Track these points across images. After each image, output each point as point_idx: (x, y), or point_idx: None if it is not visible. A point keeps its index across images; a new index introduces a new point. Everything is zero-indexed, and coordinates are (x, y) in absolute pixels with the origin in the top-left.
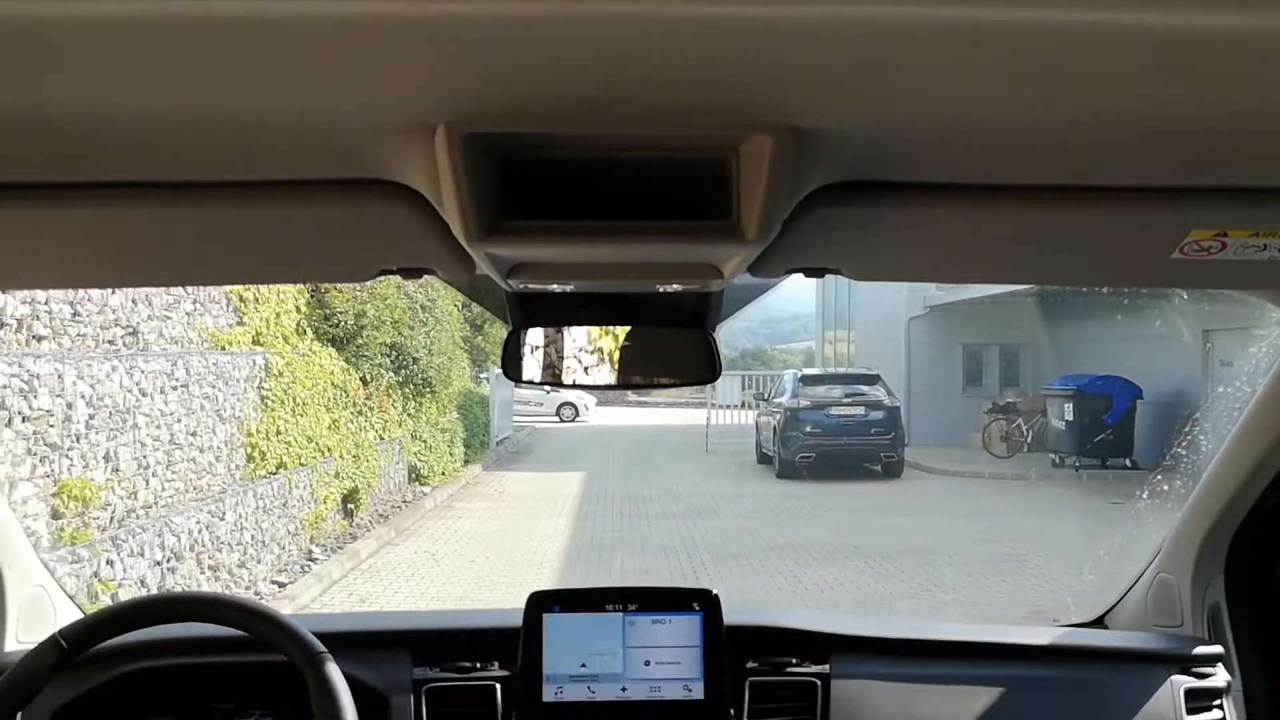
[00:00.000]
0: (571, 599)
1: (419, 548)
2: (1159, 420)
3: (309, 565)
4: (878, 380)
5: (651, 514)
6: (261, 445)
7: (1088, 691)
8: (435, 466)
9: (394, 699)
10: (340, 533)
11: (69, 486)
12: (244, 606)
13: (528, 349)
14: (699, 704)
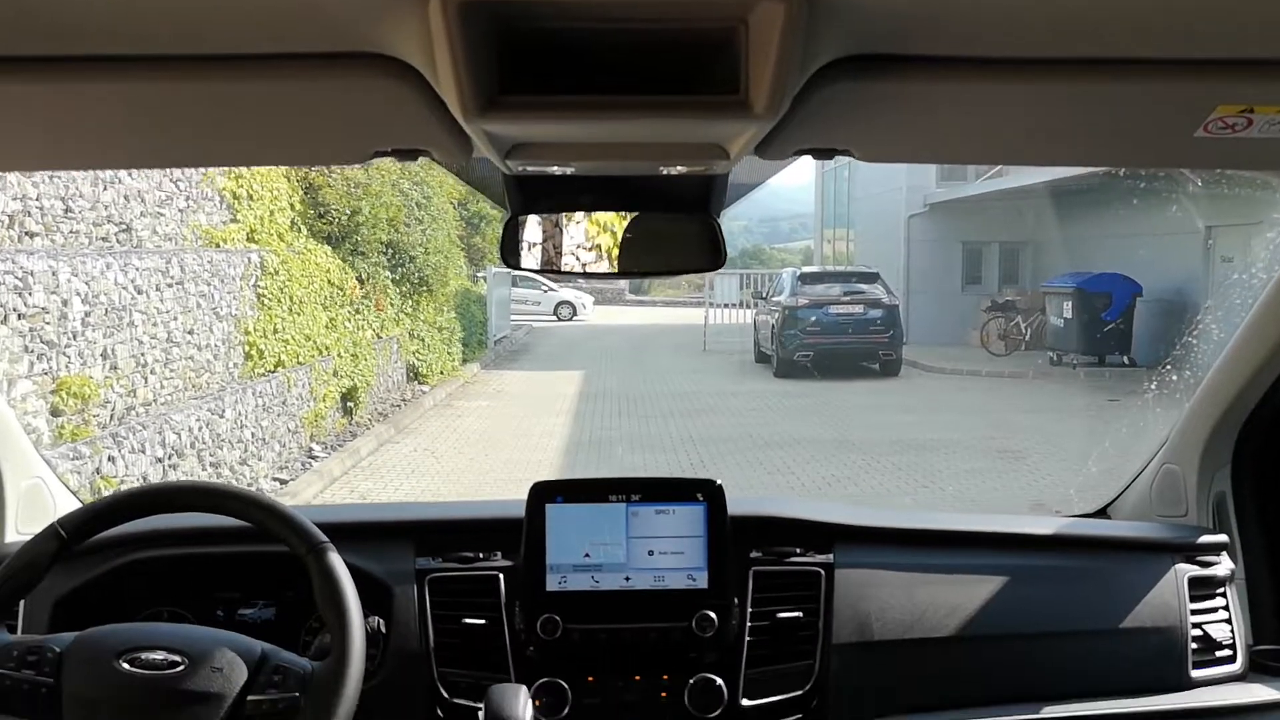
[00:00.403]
0: (574, 489)
1: (419, 445)
2: (1158, 318)
3: (309, 462)
4: (877, 278)
5: (650, 413)
6: (259, 343)
7: (1091, 580)
8: (434, 365)
9: (397, 589)
10: (340, 431)
11: (68, 384)
12: (244, 496)
13: (527, 236)
14: (702, 593)
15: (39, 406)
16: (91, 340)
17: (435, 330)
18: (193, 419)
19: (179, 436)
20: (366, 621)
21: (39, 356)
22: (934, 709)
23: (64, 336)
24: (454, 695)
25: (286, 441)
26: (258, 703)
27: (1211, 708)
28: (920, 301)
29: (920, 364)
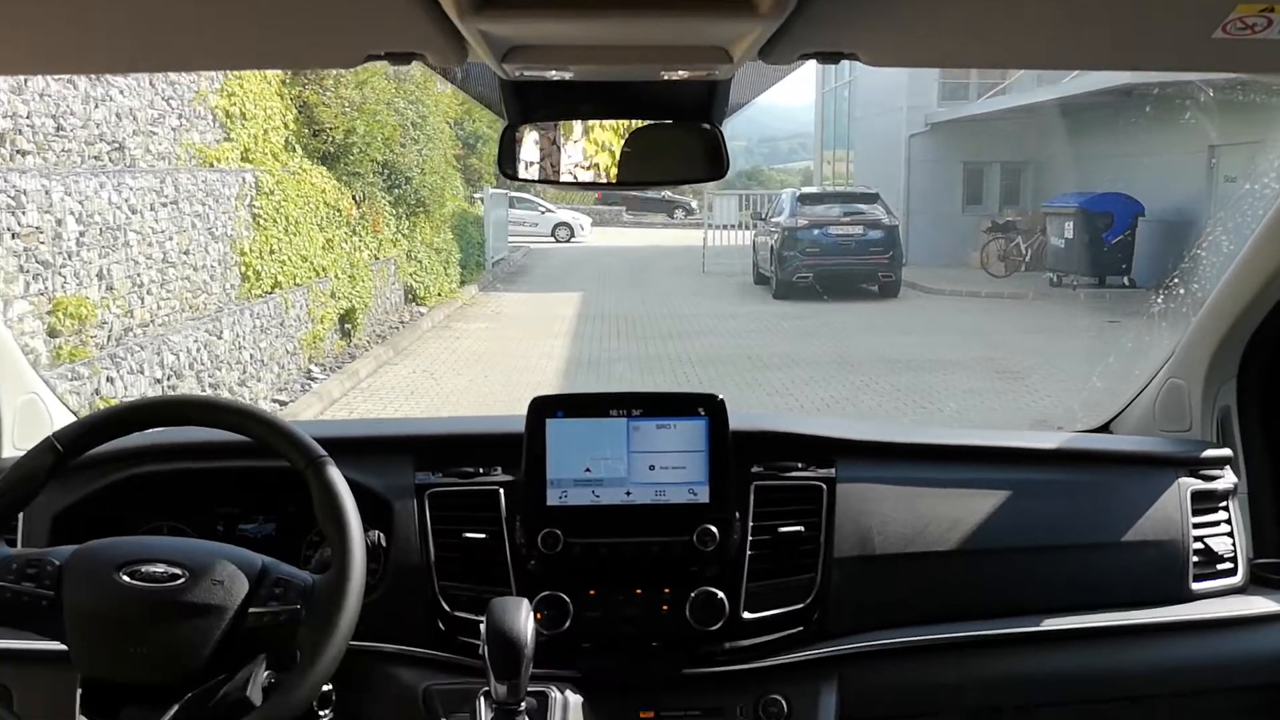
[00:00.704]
0: (574, 404)
1: (417, 367)
2: (1159, 238)
3: (308, 384)
4: (877, 199)
5: (649, 334)
6: (255, 264)
7: (1094, 494)
8: (431, 287)
9: (397, 504)
10: (338, 353)
11: (64, 304)
12: (242, 409)
13: (525, 145)
14: (704, 507)
15: (36, 327)
16: (87, 260)
17: (432, 252)
18: (190, 340)
19: (177, 358)
20: (367, 535)
21: (34, 277)
22: (934, 622)
23: (59, 256)
24: (455, 609)
25: (285, 363)
26: (259, 615)
27: (1211, 619)
28: (920, 222)
29: (920, 285)
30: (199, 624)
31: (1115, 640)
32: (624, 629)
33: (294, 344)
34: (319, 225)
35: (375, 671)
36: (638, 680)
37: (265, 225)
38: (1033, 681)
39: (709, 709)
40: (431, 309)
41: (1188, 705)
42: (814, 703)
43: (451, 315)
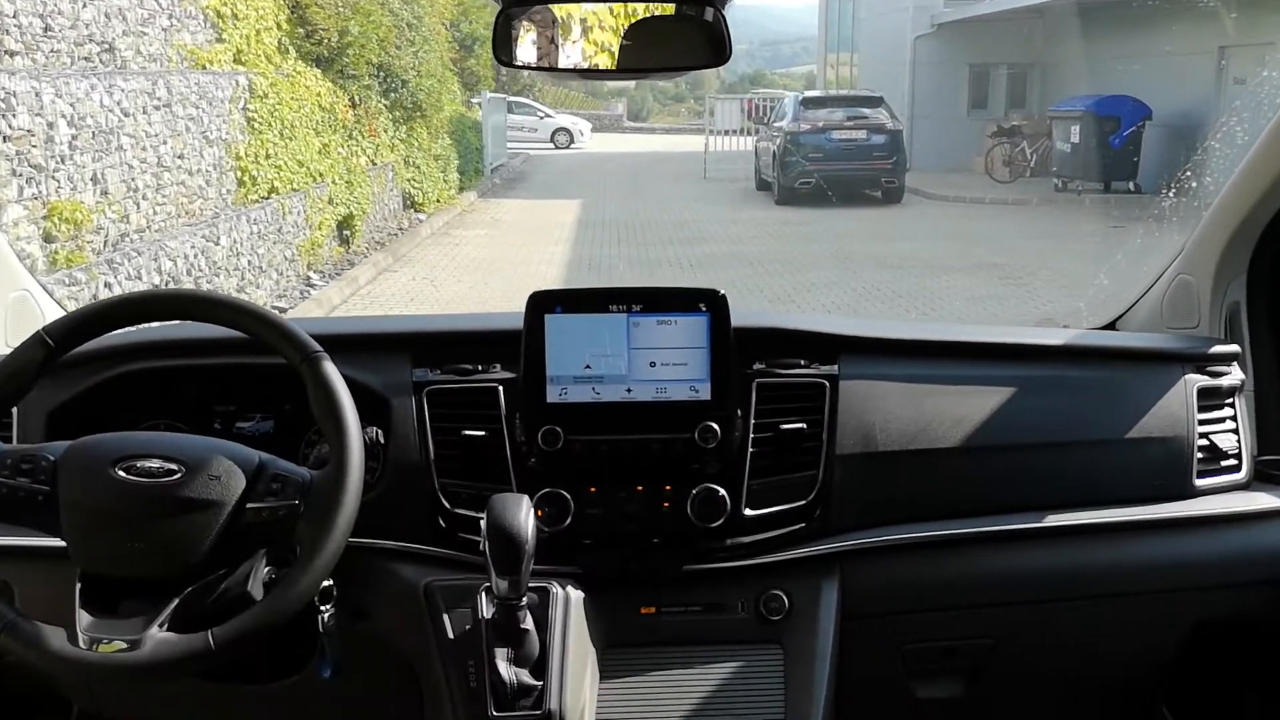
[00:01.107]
0: (574, 299)
1: (417, 274)
2: (1166, 141)
3: (308, 291)
4: (880, 103)
5: (649, 241)
6: (251, 169)
7: (1099, 390)
8: (430, 193)
9: (395, 401)
10: (337, 259)
11: (59, 209)
12: (235, 304)
13: (520, 29)
14: (705, 404)
15: (31, 232)
16: (80, 164)
17: (430, 157)
18: (187, 246)
19: (175, 263)
20: (365, 432)
21: (28, 180)
22: (937, 519)
23: (52, 160)
24: (456, 506)
25: (284, 270)
26: (257, 510)
27: (1215, 515)
28: (924, 127)
29: (923, 191)
30: (196, 519)
31: (1118, 536)
32: (625, 526)
33: (292, 250)
34: (314, 130)
35: (376, 568)
36: (639, 576)
37: (260, 129)
38: (1035, 577)
39: (710, 604)
40: (430, 216)
41: (1190, 600)
42: (815, 598)
43: (450, 222)
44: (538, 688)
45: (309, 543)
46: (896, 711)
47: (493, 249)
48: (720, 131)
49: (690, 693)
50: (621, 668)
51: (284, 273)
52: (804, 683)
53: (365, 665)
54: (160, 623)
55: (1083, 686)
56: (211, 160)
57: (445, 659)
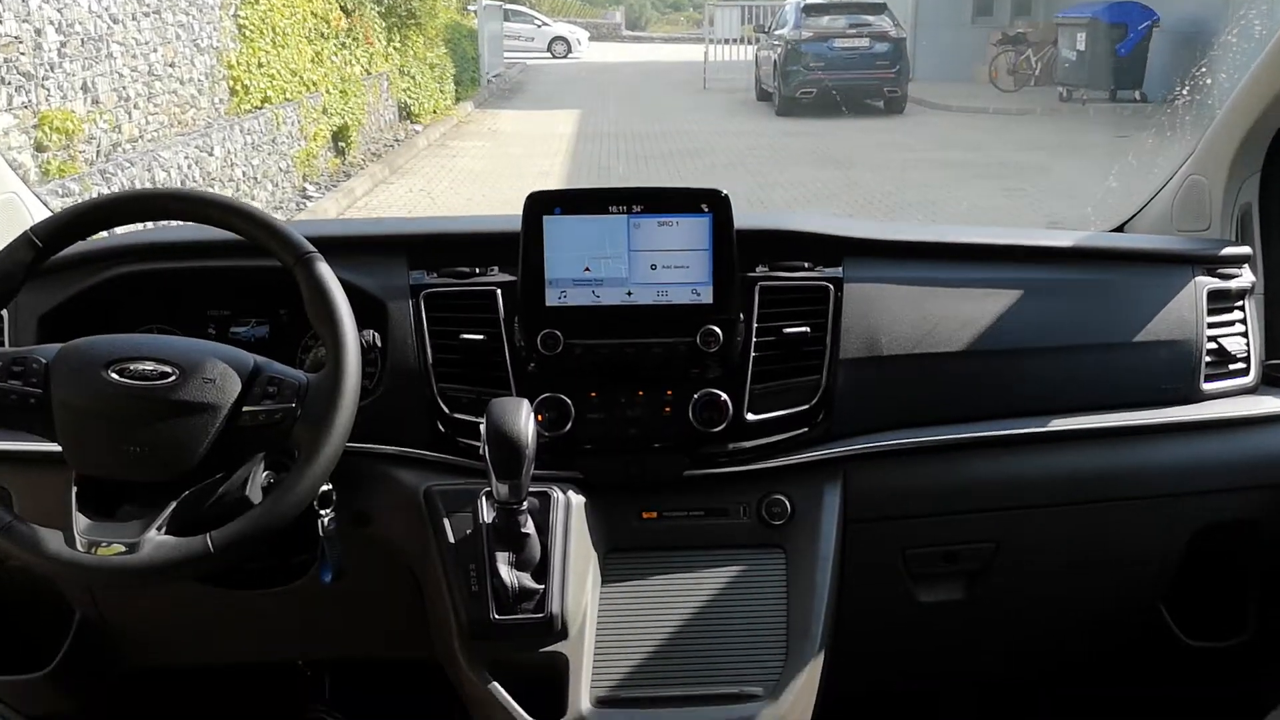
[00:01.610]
0: (573, 200)
1: (414, 186)
2: (1174, 49)
3: (304, 203)
4: (883, 9)
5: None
6: (244, 78)
7: (1108, 293)
8: (425, 104)
9: (391, 304)
10: (333, 171)
11: (49, 118)
12: (226, 203)
13: None
14: (707, 308)
15: (22, 142)
16: (70, 73)
17: (426, 67)
18: (181, 156)
19: (168, 174)
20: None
21: (17, 89)
22: (942, 423)
23: (41, 68)
24: (455, 410)
25: (279, 181)
26: (253, 413)
27: (1222, 419)
28: (927, 35)
29: (926, 101)
30: (191, 423)
31: (1124, 440)
32: (626, 431)
33: (287, 161)
34: (307, 38)
35: (376, 473)
36: (640, 481)
37: (252, 37)
38: (1039, 482)
39: (711, 509)
40: (426, 127)
41: (1195, 505)
42: (818, 503)
43: (447, 133)
44: (539, 591)
45: (306, 446)
46: (897, 615)
47: (490, 161)
48: (720, 40)
49: (692, 597)
50: (623, 572)
51: (279, 184)
52: (806, 587)
53: (367, 570)
54: (158, 526)
55: (1083, 590)
56: (203, 69)
57: (446, 563)
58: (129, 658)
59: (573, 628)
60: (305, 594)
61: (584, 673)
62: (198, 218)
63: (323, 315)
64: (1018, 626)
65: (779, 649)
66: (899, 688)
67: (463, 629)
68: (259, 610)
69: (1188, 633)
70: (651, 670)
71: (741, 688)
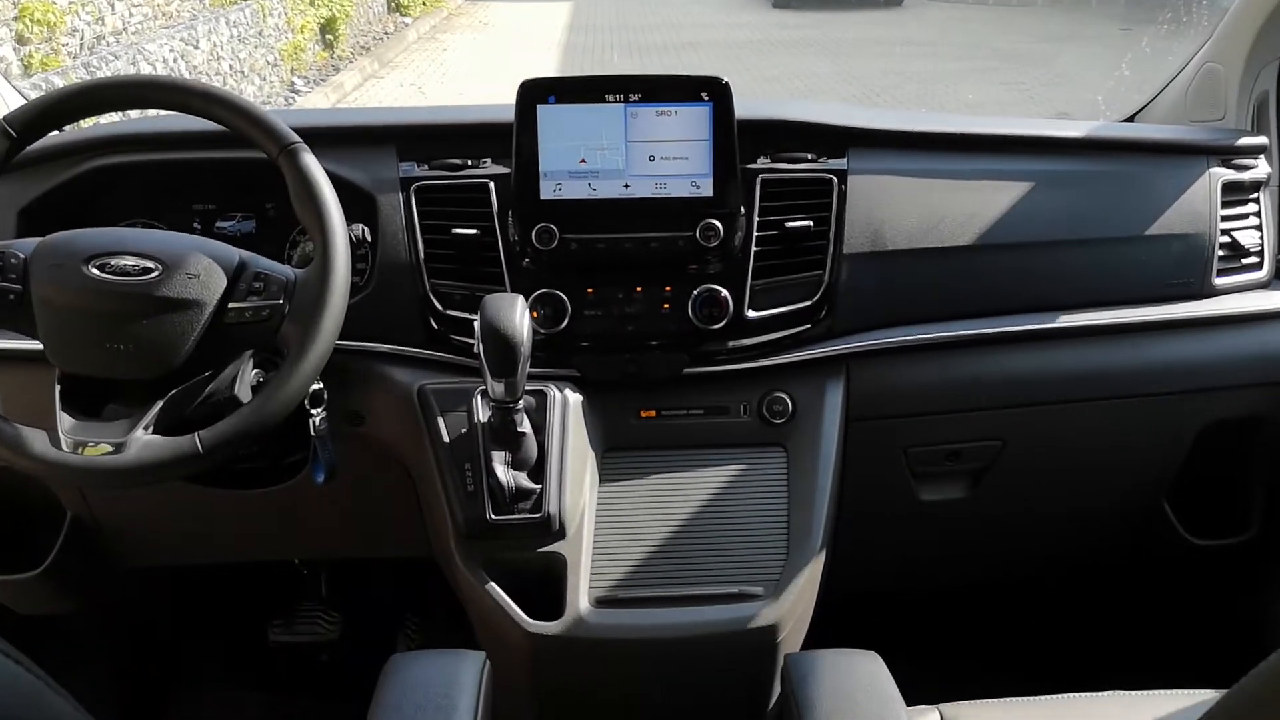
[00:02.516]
0: (567, 88)
1: (404, 80)
2: None
3: (292, 97)
4: None
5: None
6: None
7: (1118, 185)
8: None
9: (381, 198)
10: (321, 64)
11: (29, 9)
12: (208, 91)
13: None
14: (707, 201)
15: (3, 34)
16: None
17: None
18: (166, 49)
19: (153, 68)
20: (350, 229)
21: None
22: (946, 319)
23: None
24: (448, 307)
25: (267, 75)
26: (239, 310)
27: (1234, 314)
28: None
29: None
30: (175, 319)
31: (1133, 336)
32: (624, 328)
33: (274, 55)
34: None
35: (367, 371)
36: (638, 379)
37: None
38: (1046, 379)
39: (711, 407)
40: (416, 19)
41: (1205, 401)
42: (819, 401)
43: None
44: (536, 491)
45: (295, 344)
46: (899, 514)
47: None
48: None
49: (691, 496)
50: (621, 471)
51: (267, 78)
52: (807, 486)
53: (361, 469)
54: (145, 425)
55: (1087, 488)
56: None
57: (441, 463)
58: (123, 557)
59: (570, 528)
60: (299, 494)
61: (582, 573)
62: (178, 106)
63: (309, 208)
64: (1019, 525)
65: (780, 549)
66: (899, 588)
67: (459, 529)
68: (253, 510)
69: (1191, 531)
70: (650, 570)
71: (741, 587)
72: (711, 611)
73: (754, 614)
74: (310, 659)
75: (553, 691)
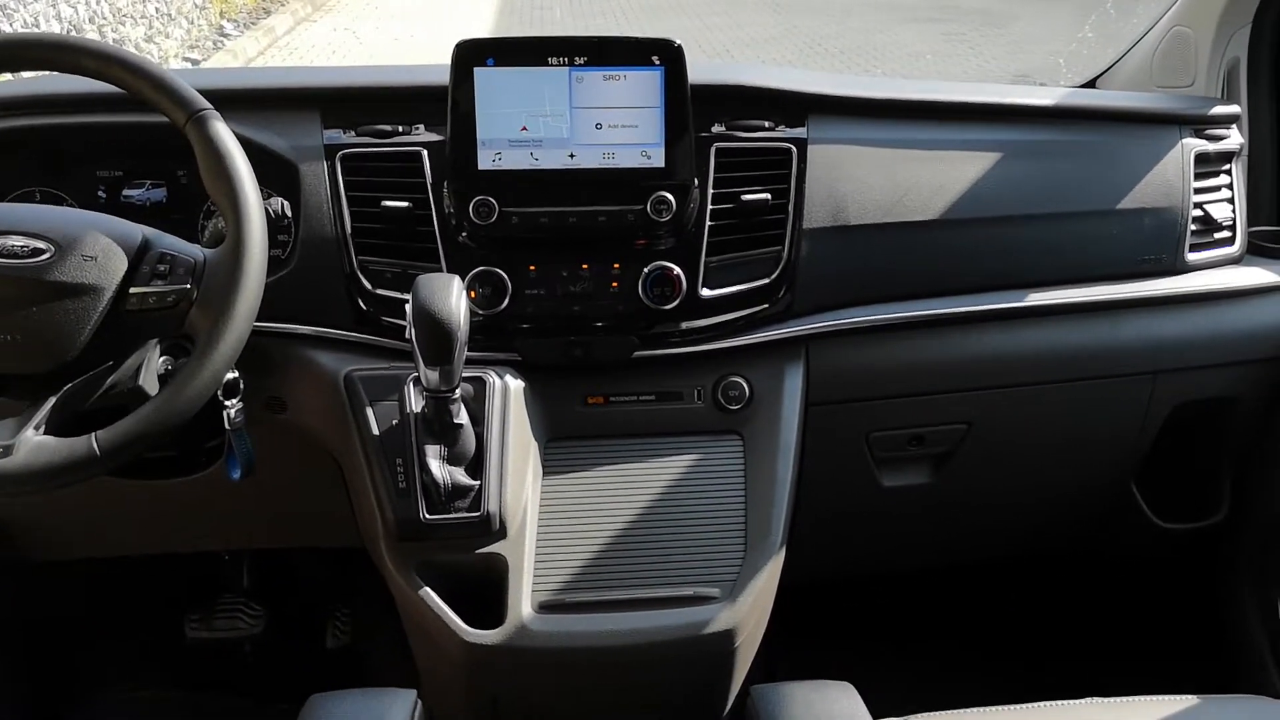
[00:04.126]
0: (507, 50)
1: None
2: None
3: (222, 41)
4: None
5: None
6: None
7: (1090, 155)
8: None
9: (303, 167)
10: (252, 8)
11: None
12: (105, 51)
13: None
14: (658, 172)
15: None
16: None
17: None
18: None
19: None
20: (268, 203)
21: None
22: (912, 298)
23: None
24: (377, 286)
25: (195, 18)
26: (142, 295)
27: (1207, 292)
28: None
29: None
30: (70, 306)
31: (1105, 314)
32: (569, 308)
33: None
34: None
35: (289, 356)
36: (585, 363)
37: None
38: (1015, 359)
39: (663, 393)
40: None
41: (1178, 380)
42: (778, 385)
43: None
44: (474, 487)
45: (205, 332)
46: (860, 501)
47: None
48: None
49: (641, 489)
50: (566, 462)
51: (195, 21)
52: (765, 474)
53: (285, 458)
54: (36, 425)
55: (1054, 470)
56: None
57: (370, 457)
58: (37, 550)
59: (511, 526)
60: (216, 484)
61: (525, 575)
62: (69, 67)
63: (220, 184)
64: (984, 510)
65: (737, 546)
66: (859, 575)
67: (389, 530)
68: (169, 500)
69: (1160, 515)
70: (598, 571)
71: (696, 589)
72: (664, 616)
73: (710, 618)
74: (231, 655)
75: (494, 705)
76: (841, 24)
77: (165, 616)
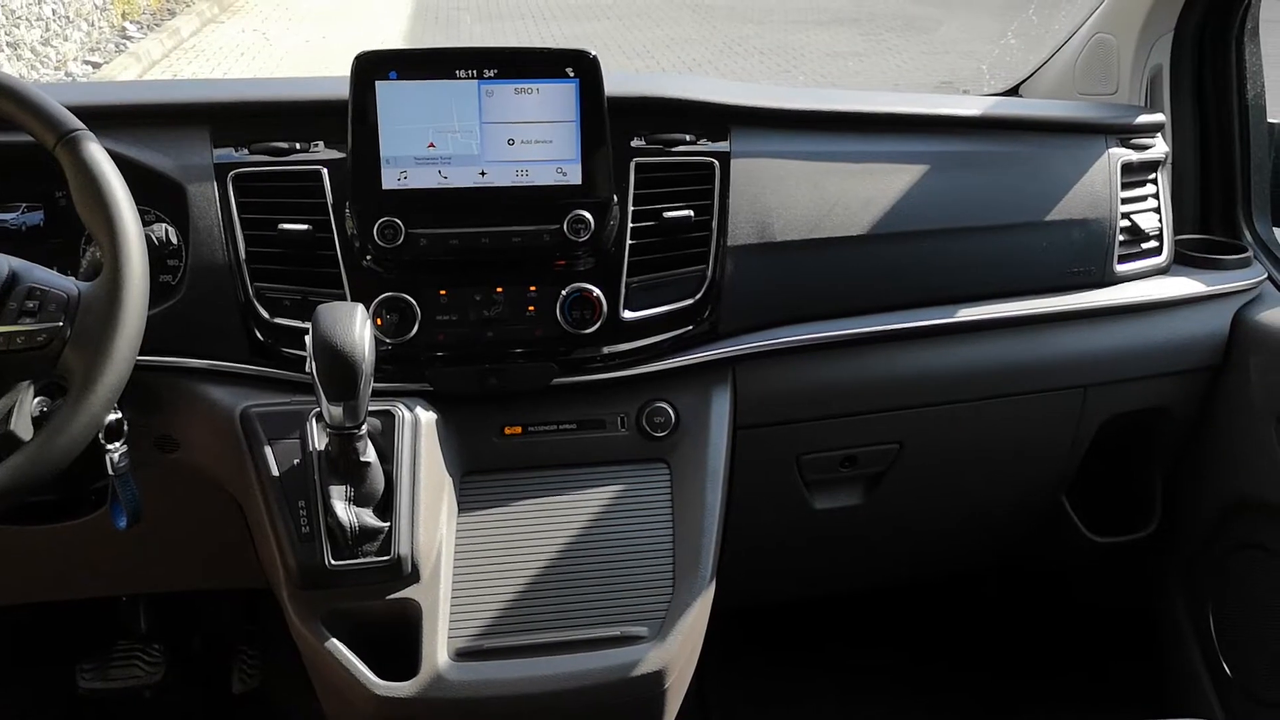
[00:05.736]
0: (411, 62)
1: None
2: None
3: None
4: None
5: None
6: None
7: (1017, 166)
8: None
9: (192, 188)
10: (156, 8)
11: None
12: None
13: None
14: (575, 189)
15: None
16: None
17: None
18: None
19: None
20: (150, 229)
21: None
22: (839, 316)
23: None
24: (275, 315)
25: (95, 20)
26: (9, 335)
27: (1136, 303)
28: None
29: None
30: None
31: (1035, 328)
32: (483, 334)
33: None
34: None
35: (180, 391)
36: (501, 392)
37: None
38: (947, 376)
39: (584, 421)
40: None
41: (1109, 393)
42: (705, 410)
43: None
44: (383, 529)
45: (80, 374)
46: (791, 525)
47: None
48: None
49: (563, 524)
50: (483, 497)
51: (95, 23)
52: (693, 503)
53: (178, 500)
54: None
55: (985, 486)
56: None
57: (270, 500)
58: None
59: (425, 569)
60: (102, 529)
61: (440, 621)
62: None
63: (94, 210)
64: (917, 529)
65: (665, 581)
66: (791, 598)
67: (292, 578)
68: (53, 546)
69: (1092, 528)
70: (519, 613)
71: (623, 629)
72: (590, 659)
73: (638, 659)
74: (129, 705)
75: None
76: (761, 24)
77: (54, 667)
